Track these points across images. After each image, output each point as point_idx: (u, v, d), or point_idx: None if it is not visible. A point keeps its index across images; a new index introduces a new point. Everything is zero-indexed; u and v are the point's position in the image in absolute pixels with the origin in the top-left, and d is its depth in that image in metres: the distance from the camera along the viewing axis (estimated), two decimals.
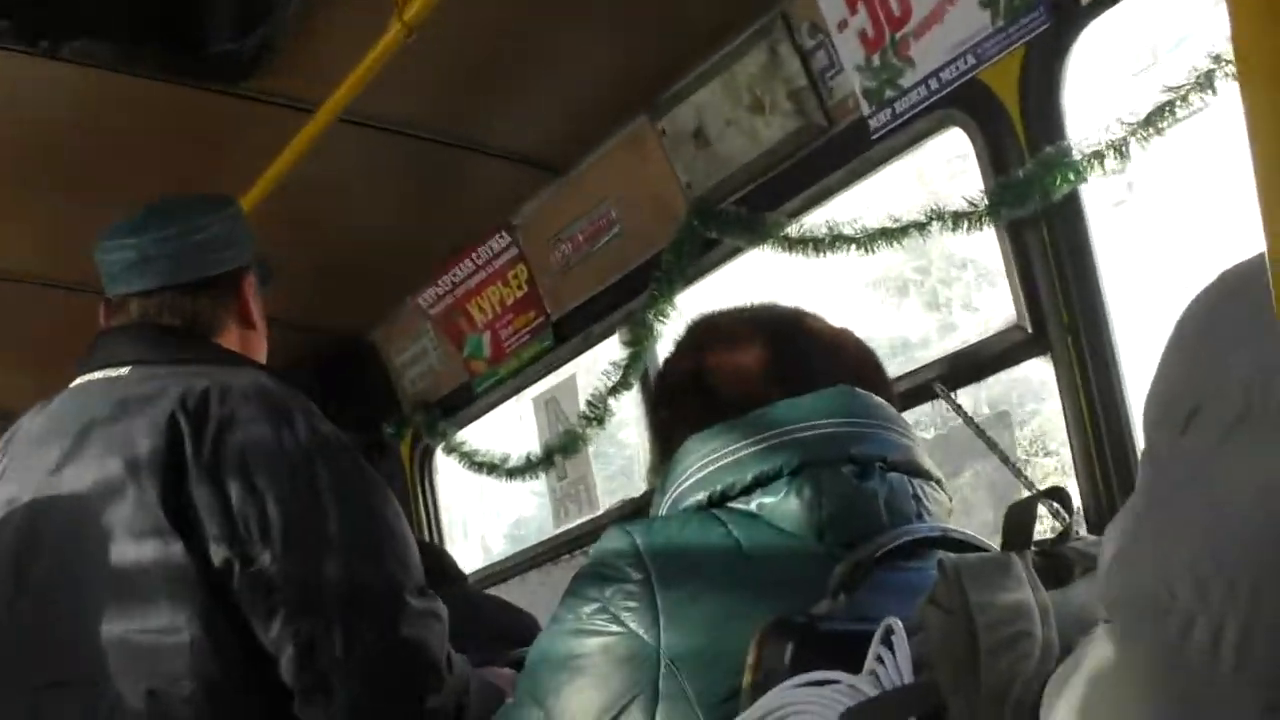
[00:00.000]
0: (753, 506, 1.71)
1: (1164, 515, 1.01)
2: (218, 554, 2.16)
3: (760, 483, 1.72)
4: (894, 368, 2.32)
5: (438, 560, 3.40)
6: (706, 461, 1.76)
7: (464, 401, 4.54)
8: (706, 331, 1.96)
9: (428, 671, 2.19)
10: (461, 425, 4.61)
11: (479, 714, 2.21)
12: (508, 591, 4.35)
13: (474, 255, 4.20)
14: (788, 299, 2.01)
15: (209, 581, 2.16)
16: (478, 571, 4.71)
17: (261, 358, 2.58)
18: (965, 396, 2.87)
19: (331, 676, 2.14)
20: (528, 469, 4.34)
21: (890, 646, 1.37)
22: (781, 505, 1.70)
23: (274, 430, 2.23)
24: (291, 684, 2.15)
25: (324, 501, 2.20)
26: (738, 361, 1.86)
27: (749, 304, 2.02)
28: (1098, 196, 2.72)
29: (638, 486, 4.40)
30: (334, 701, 2.14)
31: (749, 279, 3.49)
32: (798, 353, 1.88)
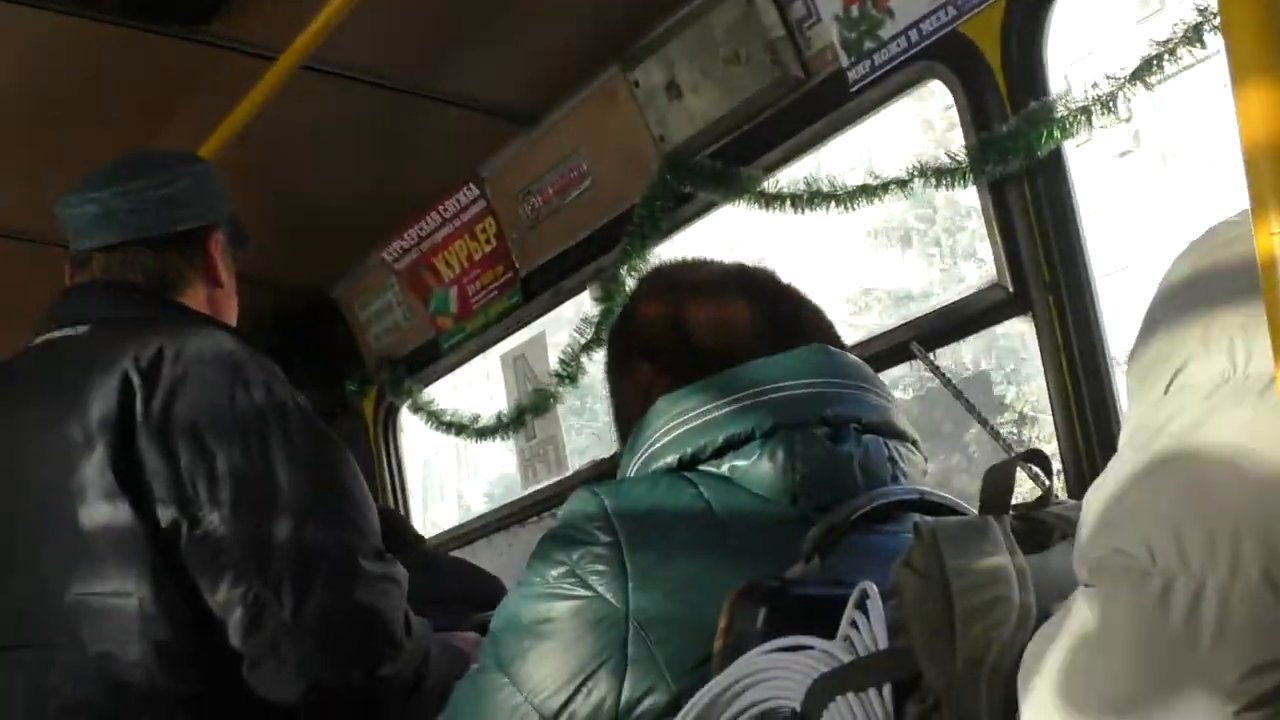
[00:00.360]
0: (725, 469, 1.72)
1: (1145, 477, 1.01)
2: (165, 515, 2.15)
3: (732, 445, 1.72)
4: (894, 322, 2.32)
5: (394, 524, 3.40)
6: (678, 422, 1.76)
7: (430, 358, 4.52)
8: (679, 282, 1.96)
9: (382, 638, 2.18)
10: (427, 383, 4.60)
11: (442, 680, 2.21)
12: (474, 554, 4.36)
13: (441, 208, 4.18)
14: (777, 247, 2.02)
15: (157, 544, 2.15)
16: (443, 533, 4.71)
17: (230, 318, 2.56)
18: (966, 347, 2.89)
19: (280, 642, 2.13)
20: (496, 429, 4.33)
21: (865, 611, 1.37)
22: (754, 468, 1.70)
23: (228, 392, 2.21)
24: (240, 648, 2.14)
25: (276, 463, 2.19)
26: (722, 316, 1.86)
27: (714, 258, 2.02)
28: (1101, 147, 2.74)
29: (609, 446, 4.39)
30: (284, 668, 2.13)
31: (737, 225, 3.47)
32: (780, 310, 1.88)
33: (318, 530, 2.17)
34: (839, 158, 3.21)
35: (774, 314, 1.87)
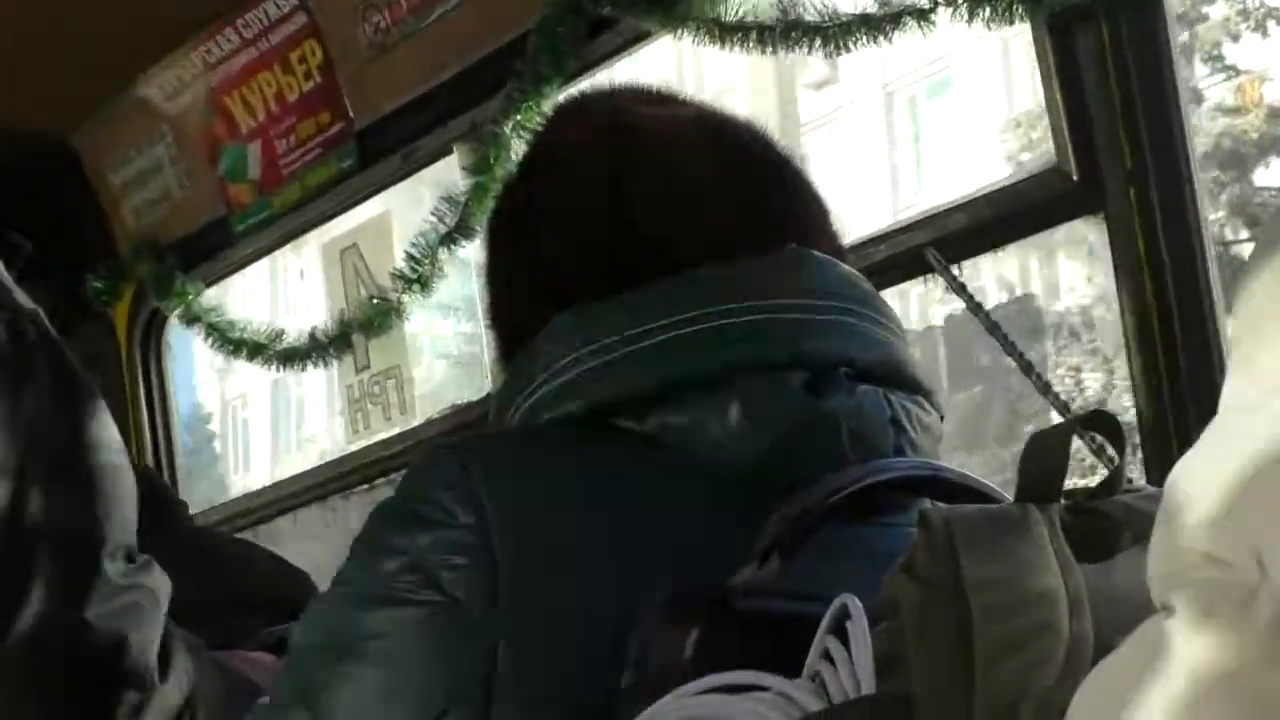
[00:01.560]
0: (653, 427, 1.71)
1: (1255, 453, 1.01)
2: None
3: (666, 393, 1.71)
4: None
5: (154, 489, 3.37)
6: (586, 353, 1.74)
7: (216, 245, 4.51)
8: (619, 122, 1.91)
9: (124, 677, 2.17)
10: (211, 280, 4.58)
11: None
12: (272, 538, 4.36)
13: (239, 24, 4.14)
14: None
15: None
16: (226, 505, 4.69)
17: None
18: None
19: None
20: (310, 353, 4.31)
21: (844, 638, 1.38)
22: (697, 428, 1.70)
23: None
24: None
25: None
26: (678, 187, 1.83)
27: (671, 89, 1.99)
28: None
29: (478, 387, 4.39)
30: None
31: None
32: (762, 191, 1.87)
33: (44, 512, 2.15)
34: None
35: (753, 196, 1.86)
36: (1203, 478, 1.03)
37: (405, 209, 4.19)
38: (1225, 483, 1.01)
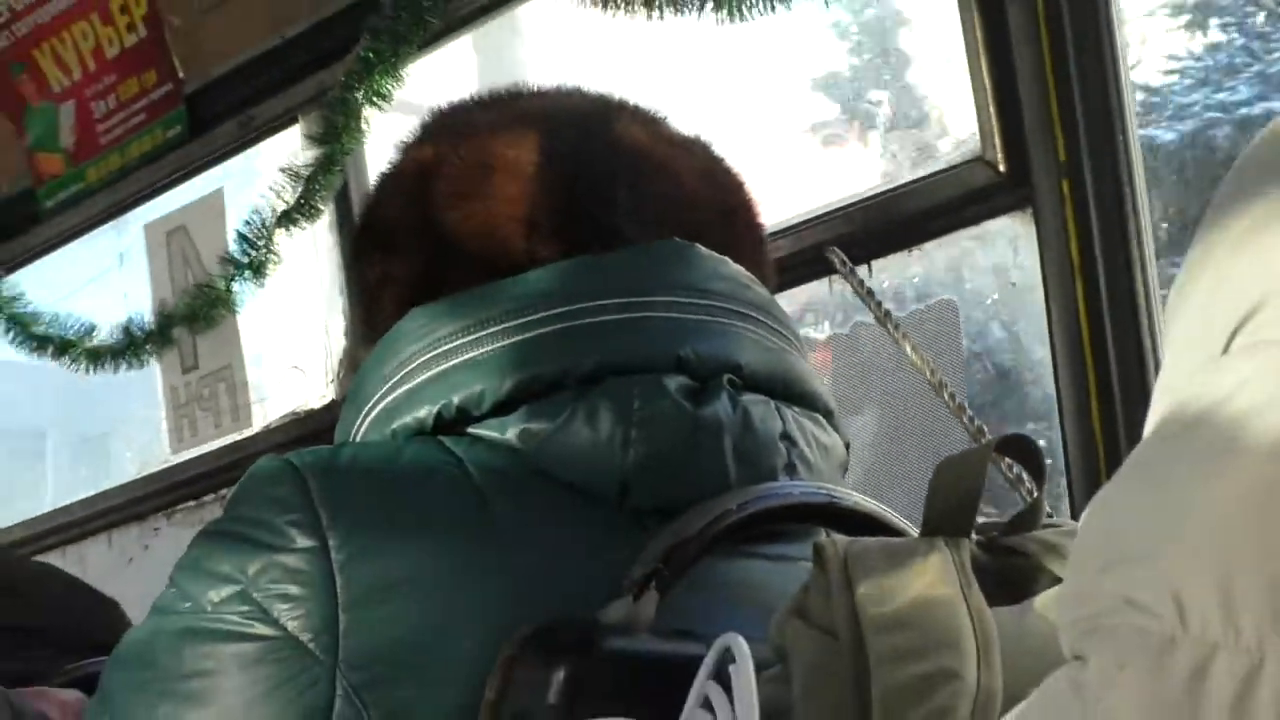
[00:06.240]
0: (510, 436, 1.73)
1: (1181, 482, 1.02)
2: None
3: (524, 396, 1.73)
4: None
5: None
6: (439, 353, 1.77)
7: (20, 225, 4.46)
8: (457, 123, 1.96)
9: None
10: (12, 266, 4.53)
11: None
12: (80, 562, 4.31)
13: None
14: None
15: None
16: (34, 522, 4.65)
17: None
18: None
19: None
20: (128, 350, 4.26)
21: (726, 684, 1.39)
22: (560, 436, 1.72)
23: None
24: None
25: None
26: (488, 195, 1.86)
27: (527, 87, 2.01)
28: None
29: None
30: None
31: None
32: (594, 180, 1.88)
33: None
34: None
35: (589, 184, 1.87)
36: (1120, 510, 1.04)
37: (241, 186, 4.16)
38: (1145, 516, 1.02)
